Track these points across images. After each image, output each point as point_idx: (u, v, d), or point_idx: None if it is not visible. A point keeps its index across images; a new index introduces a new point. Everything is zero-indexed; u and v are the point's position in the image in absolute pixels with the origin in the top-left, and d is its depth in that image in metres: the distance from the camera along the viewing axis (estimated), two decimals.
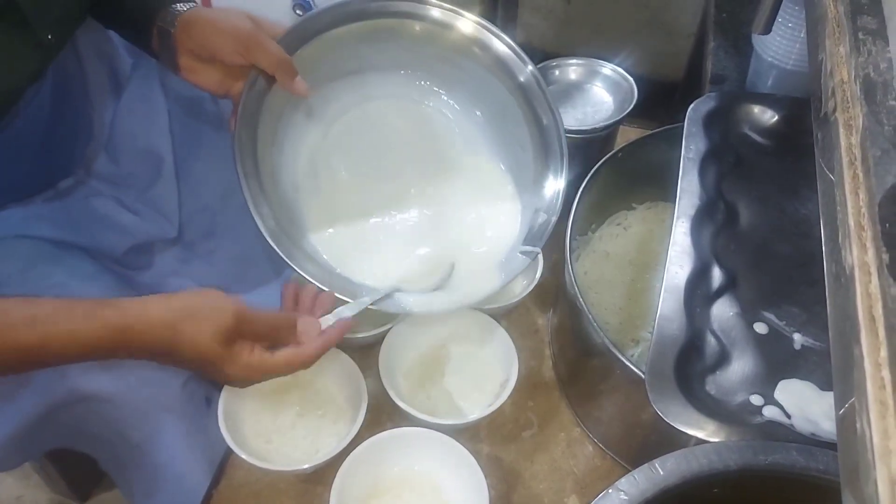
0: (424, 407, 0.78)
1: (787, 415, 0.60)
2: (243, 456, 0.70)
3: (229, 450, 0.73)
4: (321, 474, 0.75)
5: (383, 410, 0.80)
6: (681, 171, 0.77)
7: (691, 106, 0.84)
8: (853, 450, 0.37)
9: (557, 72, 0.99)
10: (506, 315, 0.88)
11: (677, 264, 0.69)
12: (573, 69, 0.99)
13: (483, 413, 0.75)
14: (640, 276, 0.91)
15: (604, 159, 0.87)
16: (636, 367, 0.67)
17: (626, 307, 0.87)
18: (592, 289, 0.89)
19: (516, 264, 0.77)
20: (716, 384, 0.63)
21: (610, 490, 0.52)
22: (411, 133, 0.86)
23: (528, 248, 0.77)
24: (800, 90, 0.87)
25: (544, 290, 0.89)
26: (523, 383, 0.83)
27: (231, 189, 0.76)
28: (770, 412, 0.60)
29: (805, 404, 0.61)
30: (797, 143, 0.77)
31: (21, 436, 0.78)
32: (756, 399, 0.61)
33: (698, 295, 0.68)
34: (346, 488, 0.69)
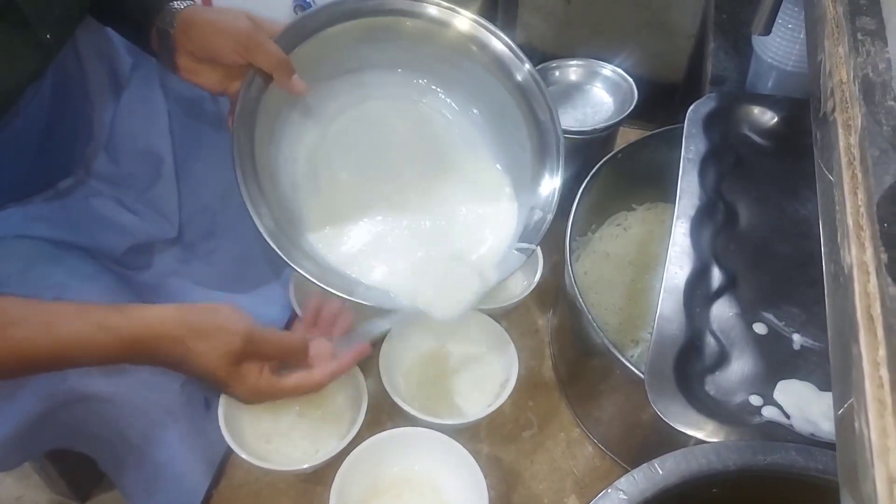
0: (424, 407, 0.78)
1: (787, 415, 0.60)
2: (243, 456, 0.70)
3: (229, 450, 0.73)
4: (321, 474, 0.75)
5: (383, 410, 0.80)
6: (681, 171, 0.77)
7: (691, 107, 0.84)
8: (852, 449, 0.37)
9: (557, 72, 0.99)
10: (506, 315, 0.89)
11: (677, 265, 0.69)
12: (573, 70, 0.99)
13: (483, 413, 0.75)
14: (639, 276, 0.91)
15: (604, 160, 0.87)
16: (636, 367, 0.68)
17: (626, 308, 0.88)
18: (592, 289, 0.89)
19: (512, 262, 0.77)
20: (715, 384, 0.63)
21: (609, 490, 0.52)
22: (410, 132, 0.85)
23: (524, 245, 0.77)
24: (800, 91, 0.87)
25: (544, 291, 0.90)
26: (523, 383, 0.83)
27: (231, 189, 0.76)
28: (769, 412, 0.60)
29: (804, 404, 0.61)
30: (797, 143, 0.77)
31: (21, 436, 0.78)
32: (755, 399, 0.61)
33: (698, 295, 0.68)
34: (346, 488, 0.69)
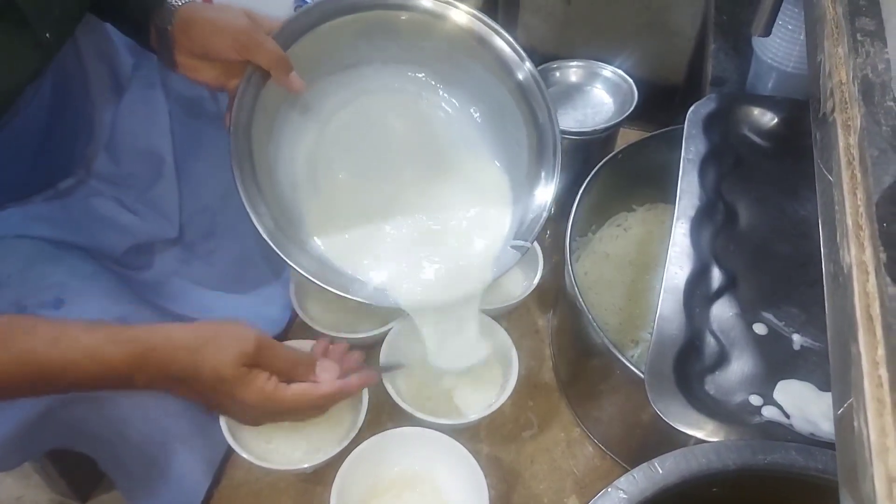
0: (425, 407, 0.78)
1: (786, 415, 0.60)
2: (244, 455, 0.70)
3: (230, 449, 0.73)
4: (321, 474, 0.75)
5: (383, 410, 0.80)
6: (681, 172, 0.77)
7: (691, 108, 0.85)
8: (851, 448, 0.37)
9: (558, 73, 0.99)
10: (506, 315, 0.89)
11: (677, 265, 0.70)
12: (573, 71, 1.00)
13: (483, 413, 0.75)
14: (639, 277, 0.91)
15: (604, 161, 0.87)
16: (636, 367, 0.68)
17: (626, 308, 0.88)
18: (592, 289, 0.89)
19: (507, 259, 0.77)
20: (715, 384, 0.63)
21: (609, 489, 0.52)
22: (408, 129, 0.85)
23: (518, 242, 0.77)
24: (800, 92, 0.87)
25: (544, 291, 0.90)
26: (523, 383, 0.83)
27: (231, 189, 0.76)
28: (769, 412, 0.60)
29: (804, 404, 0.61)
30: (797, 144, 0.77)
31: (21, 435, 0.78)
32: (755, 399, 0.61)
33: (698, 295, 0.68)
34: (347, 488, 0.69)
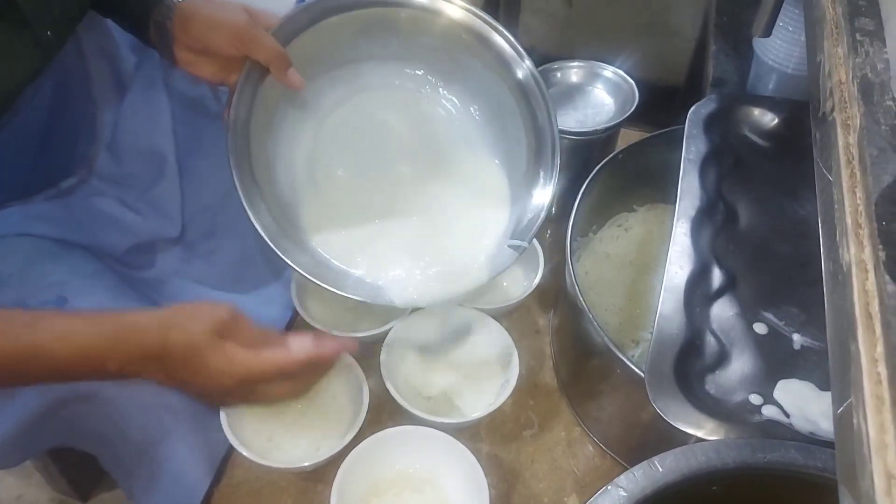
0: (425, 406, 0.78)
1: (786, 414, 0.60)
2: (245, 453, 0.70)
3: (230, 448, 0.74)
4: (322, 472, 0.75)
5: (384, 409, 0.80)
6: (681, 172, 0.77)
7: (692, 108, 0.84)
8: (850, 446, 0.37)
9: (559, 74, 0.99)
10: (507, 315, 0.89)
11: (677, 264, 0.70)
12: (574, 71, 1.00)
13: (483, 412, 0.75)
14: (640, 277, 0.91)
15: (604, 161, 0.87)
16: (636, 366, 0.68)
17: (627, 308, 0.88)
18: (593, 289, 0.89)
19: (504, 258, 0.77)
20: (715, 383, 0.63)
21: (609, 487, 0.52)
22: (407, 127, 0.85)
23: (516, 242, 0.78)
24: (800, 94, 0.87)
25: (545, 291, 0.90)
26: (524, 383, 0.84)
27: (232, 189, 0.76)
28: (769, 411, 0.61)
29: (804, 404, 0.61)
30: (797, 145, 0.77)
31: (22, 433, 0.78)
32: (755, 398, 0.61)
33: (698, 295, 0.68)
34: (347, 486, 0.69)
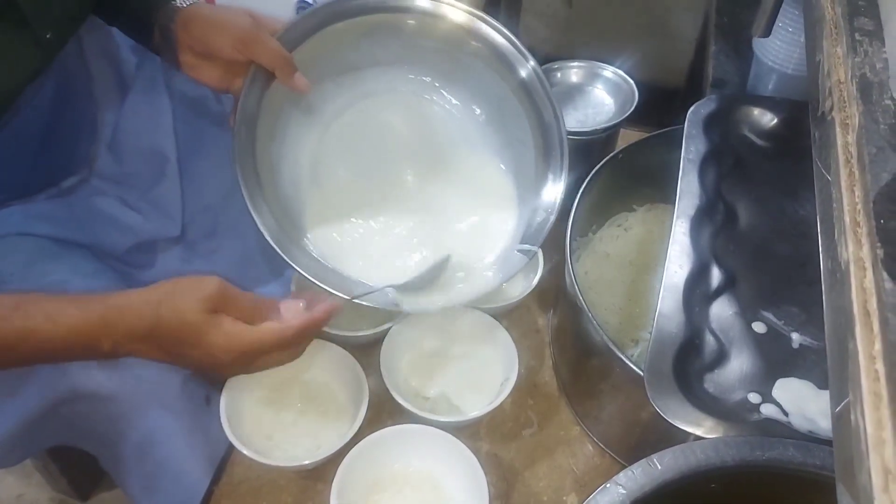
0: (425, 404, 0.79)
1: (785, 413, 0.60)
2: (245, 452, 0.70)
3: (230, 446, 0.74)
4: (322, 471, 0.75)
5: (384, 408, 0.80)
6: (681, 171, 0.78)
7: (692, 108, 0.85)
8: (848, 443, 0.38)
9: (559, 74, 1.00)
10: (507, 315, 0.89)
11: (677, 263, 0.70)
12: (574, 71, 1.00)
13: (483, 411, 0.75)
14: (640, 276, 0.91)
15: (604, 161, 0.87)
16: (636, 365, 0.68)
17: (626, 307, 0.88)
18: (592, 289, 0.89)
19: (514, 263, 0.77)
20: (714, 382, 0.63)
21: (608, 484, 0.52)
22: (412, 131, 0.86)
23: (525, 246, 0.77)
24: (800, 94, 0.88)
25: (545, 291, 0.90)
26: (523, 382, 0.84)
27: (233, 189, 0.76)
28: (768, 410, 0.61)
29: (803, 402, 0.61)
30: (796, 145, 0.77)
31: (22, 432, 0.79)
32: (754, 397, 0.62)
33: (697, 294, 0.68)
34: (347, 485, 0.69)
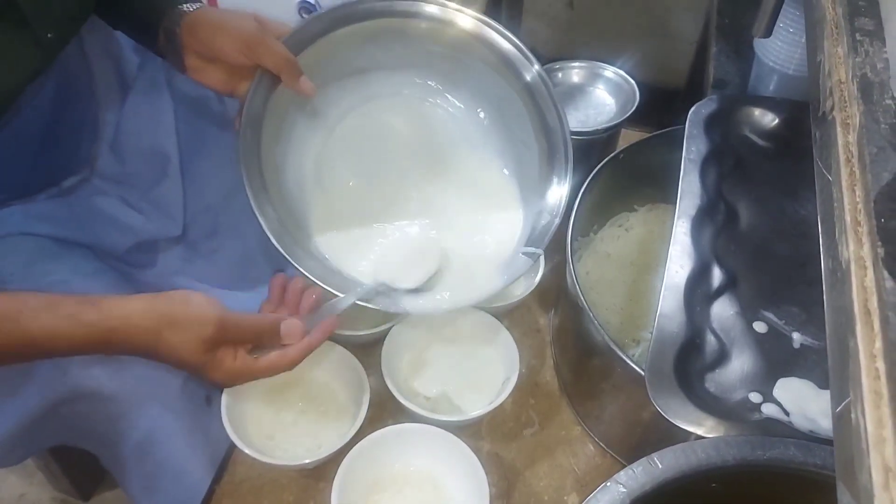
0: (426, 404, 0.79)
1: (786, 412, 0.61)
2: (247, 451, 0.70)
3: (231, 446, 0.74)
4: (323, 470, 0.75)
5: (385, 407, 0.80)
6: (682, 171, 0.78)
7: (693, 108, 0.85)
8: (848, 442, 0.38)
9: (560, 74, 1.00)
10: (508, 314, 0.89)
11: (678, 263, 0.70)
12: (576, 71, 1.00)
13: (484, 411, 0.75)
14: (640, 276, 0.91)
15: (605, 161, 0.88)
16: (637, 365, 0.68)
17: (627, 307, 0.88)
18: (594, 289, 0.89)
19: (518, 265, 0.77)
20: (715, 382, 0.63)
21: (609, 483, 0.53)
22: (416, 135, 0.86)
23: (530, 249, 0.77)
24: (801, 95, 0.88)
25: (546, 291, 0.90)
26: (524, 382, 0.84)
27: (235, 189, 0.76)
28: (769, 410, 0.61)
29: (803, 402, 0.61)
30: (797, 145, 0.77)
31: (23, 431, 0.79)
32: (755, 396, 0.62)
33: (698, 294, 0.68)
34: (348, 484, 0.69)
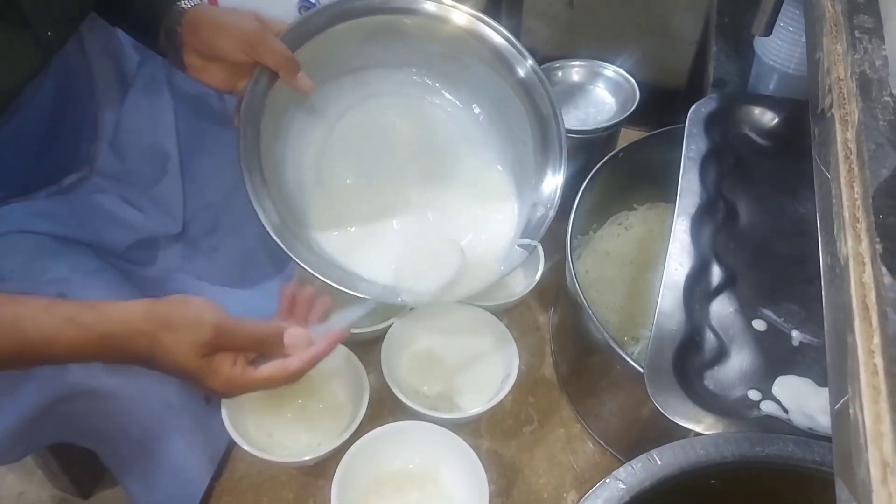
0: (425, 401, 0.79)
1: (785, 410, 0.60)
2: (246, 447, 0.70)
3: (231, 442, 0.74)
4: (322, 467, 0.75)
5: (385, 405, 0.80)
6: (681, 170, 0.78)
7: (692, 107, 0.85)
8: (847, 438, 0.38)
9: (560, 73, 1.00)
10: (507, 312, 0.89)
11: (677, 261, 0.70)
12: (576, 70, 1.00)
13: (483, 408, 0.75)
14: (640, 275, 0.91)
15: (605, 159, 0.88)
16: (636, 362, 0.68)
17: (627, 306, 0.88)
18: (593, 287, 0.90)
19: (514, 258, 0.78)
20: (714, 379, 0.63)
21: (608, 479, 0.53)
22: (413, 131, 0.86)
23: (525, 241, 0.78)
24: (801, 94, 0.87)
25: (545, 289, 0.90)
26: (524, 380, 0.84)
27: (234, 187, 0.76)
28: (768, 407, 0.61)
29: (802, 400, 0.61)
30: (797, 144, 0.77)
31: (22, 429, 0.79)
32: (754, 394, 0.62)
33: (698, 292, 0.68)
34: (347, 481, 0.69)
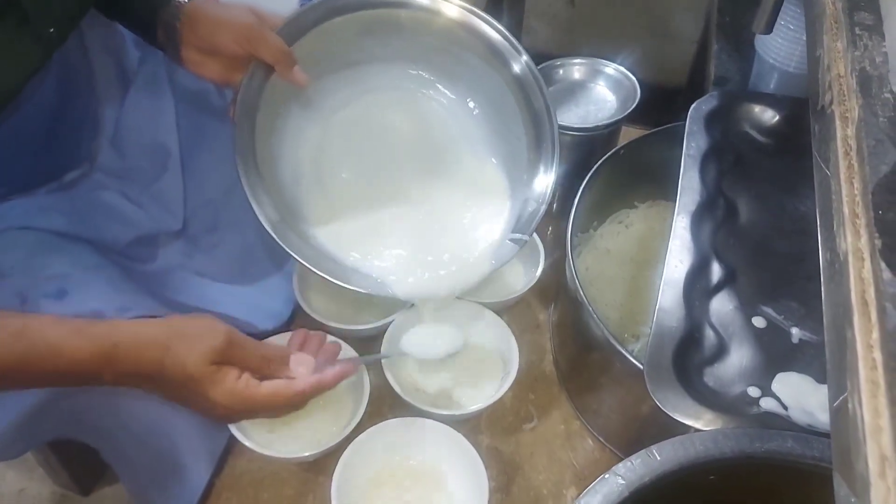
0: (425, 398, 0.79)
1: (784, 406, 0.61)
2: (247, 443, 0.71)
3: (232, 438, 0.74)
4: (323, 463, 0.75)
5: (385, 401, 0.80)
6: (682, 167, 0.78)
7: (693, 105, 0.85)
8: (845, 433, 0.38)
9: (561, 70, 1.00)
10: (507, 310, 0.89)
11: (677, 258, 0.70)
12: (577, 68, 1.00)
13: (483, 405, 0.76)
14: (640, 273, 0.91)
15: (605, 157, 0.88)
16: (636, 359, 0.68)
17: (627, 303, 0.88)
18: (593, 285, 0.90)
19: (506, 252, 0.78)
20: (714, 376, 0.63)
21: (607, 475, 0.53)
22: (409, 126, 0.86)
23: (517, 235, 0.78)
24: (801, 92, 0.87)
25: (545, 286, 0.90)
26: (524, 377, 0.84)
27: (235, 183, 0.76)
28: (767, 404, 0.61)
29: (802, 396, 0.61)
30: (797, 142, 0.77)
31: (23, 424, 0.78)
32: (753, 391, 0.62)
33: (698, 289, 0.68)
34: (348, 477, 0.70)
